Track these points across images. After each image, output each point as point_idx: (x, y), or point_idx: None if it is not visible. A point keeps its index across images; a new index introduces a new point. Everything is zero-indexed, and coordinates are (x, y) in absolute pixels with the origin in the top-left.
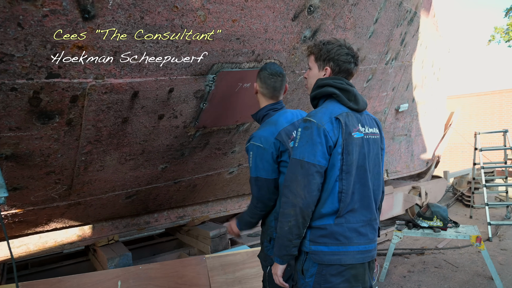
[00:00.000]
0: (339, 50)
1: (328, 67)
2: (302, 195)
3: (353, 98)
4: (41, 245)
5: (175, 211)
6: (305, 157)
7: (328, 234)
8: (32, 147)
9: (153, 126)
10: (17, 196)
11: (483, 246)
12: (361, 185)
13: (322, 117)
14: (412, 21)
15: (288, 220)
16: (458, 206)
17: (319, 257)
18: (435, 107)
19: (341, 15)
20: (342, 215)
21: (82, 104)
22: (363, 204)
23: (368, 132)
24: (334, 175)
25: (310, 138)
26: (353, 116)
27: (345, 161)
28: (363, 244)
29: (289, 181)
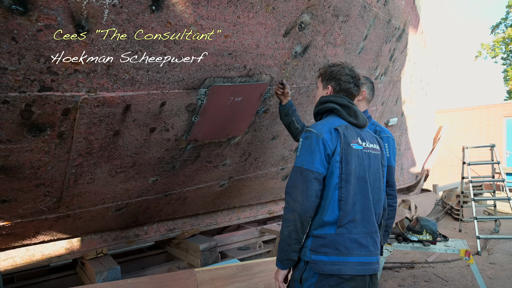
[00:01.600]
0: (340, 71)
1: (330, 86)
2: (301, 201)
3: (353, 113)
4: (28, 258)
5: (165, 223)
6: (304, 165)
7: (328, 243)
8: (22, 160)
9: (145, 139)
10: (6, 209)
11: (472, 260)
12: (362, 196)
13: (322, 128)
14: (400, 38)
15: (288, 224)
16: (447, 220)
17: (319, 266)
18: (423, 121)
19: (331, 31)
20: (343, 225)
21: (74, 117)
22: (364, 215)
23: (368, 146)
24: (333, 183)
25: (310, 146)
26: (352, 130)
27: (344, 170)
28: (364, 255)
29: (289, 187)
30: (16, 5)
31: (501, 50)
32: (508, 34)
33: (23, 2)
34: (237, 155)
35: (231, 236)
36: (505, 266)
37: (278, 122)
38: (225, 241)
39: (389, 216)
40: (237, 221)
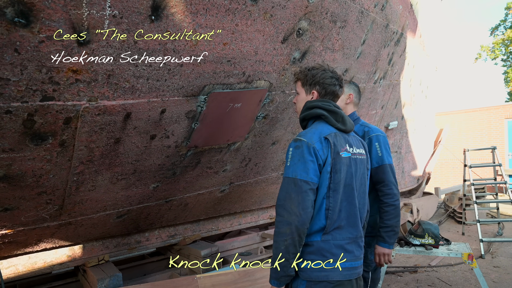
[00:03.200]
0: (323, 74)
1: (315, 91)
2: (297, 213)
3: (340, 119)
4: (30, 266)
5: (166, 230)
6: (297, 175)
7: (315, 250)
8: (24, 168)
9: (145, 146)
10: (8, 217)
11: (475, 264)
12: (348, 203)
13: (312, 137)
14: (398, 42)
15: (284, 239)
16: (450, 223)
17: (307, 274)
18: (424, 124)
19: (329, 37)
20: (329, 232)
21: (75, 125)
22: (349, 221)
23: (356, 152)
24: (322, 193)
25: (302, 156)
26: (341, 137)
27: (333, 180)
28: (350, 261)
29: (282, 199)
30: (19, 17)
31: (501, 51)
32: (508, 35)
33: (25, 15)
34: (238, 161)
35: (232, 241)
36: (509, 269)
37: (278, 127)
38: (226, 246)
39: (392, 215)
40: (238, 226)
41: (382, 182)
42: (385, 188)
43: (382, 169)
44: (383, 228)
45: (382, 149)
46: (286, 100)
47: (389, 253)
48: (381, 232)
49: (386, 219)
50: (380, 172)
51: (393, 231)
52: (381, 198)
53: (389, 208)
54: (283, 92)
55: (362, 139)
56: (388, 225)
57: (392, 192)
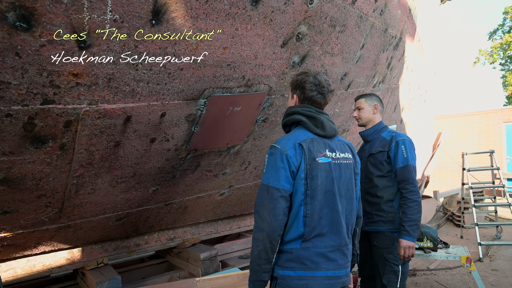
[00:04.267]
0: (304, 78)
1: (296, 95)
2: (268, 220)
3: (320, 124)
4: (28, 269)
5: (165, 233)
6: (270, 182)
7: (294, 258)
8: (24, 171)
9: (145, 149)
10: (7, 220)
11: (473, 267)
12: (330, 209)
13: (287, 144)
14: (397, 46)
15: (257, 244)
16: (449, 226)
17: (287, 282)
18: (423, 127)
19: (328, 41)
20: (309, 239)
21: (75, 128)
22: (332, 229)
23: (339, 157)
24: (298, 200)
25: (275, 163)
26: (319, 142)
27: (309, 186)
28: (332, 269)
29: (257, 205)
30: (20, 21)
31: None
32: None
33: (27, 19)
34: (237, 164)
35: (232, 244)
36: (507, 272)
37: (277, 131)
38: (225, 249)
39: (415, 210)
40: (238, 229)
41: (407, 180)
42: (409, 186)
43: (407, 169)
44: (407, 222)
45: (408, 152)
46: (286, 103)
47: (413, 246)
48: (405, 226)
49: (410, 213)
50: (405, 172)
51: (416, 225)
52: (405, 195)
53: (413, 203)
54: (282, 95)
55: (390, 142)
56: (412, 219)
57: (416, 190)
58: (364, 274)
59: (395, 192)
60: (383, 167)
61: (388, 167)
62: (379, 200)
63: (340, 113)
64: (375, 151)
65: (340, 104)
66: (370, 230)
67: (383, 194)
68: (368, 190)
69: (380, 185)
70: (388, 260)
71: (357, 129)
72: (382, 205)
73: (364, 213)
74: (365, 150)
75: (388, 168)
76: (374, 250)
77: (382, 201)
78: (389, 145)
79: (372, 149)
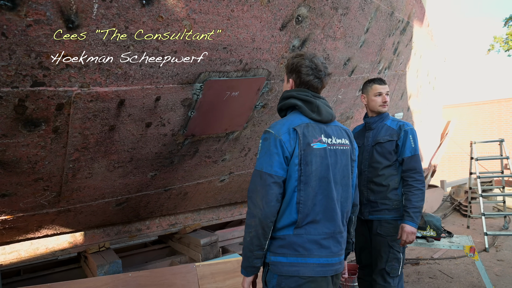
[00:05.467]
0: (300, 62)
1: (291, 79)
2: (261, 206)
3: (316, 109)
4: (32, 252)
5: (167, 218)
6: (263, 168)
7: (286, 244)
8: (19, 154)
9: (141, 134)
10: (6, 203)
11: (477, 257)
12: (324, 196)
13: (281, 128)
14: (404, 31)
15: (249, 230)
16: (455, 216)
17: (278, 268)
18: (431, 116)
19: (330, 25)
20: (302, 226)
21: (68, 112)
22: (326, 216)
23: (335, 143)
24: (291, 186)
25: (268, 149)
26: (315, 127)
27: (303, 172)
28: (325, 256)
29: (250, 191)
30: (4, 0)
31: None
32: None
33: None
34: (237, 150)
35: (233, 231)
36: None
37: (278, 117)
38: (226, 236)
39: (420, 198)
40: (239, 216)
41: (414, 169)
42: (416, 174)
43: (415, 158)
44: (411, 209)
45: (416, 141)
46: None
47: (415, 232)
48: (410, 212)
49: (415, 201)
50: (413, 161)
51: (419, 212)
52: (411, 183)
53: (418, 192)
54: (282, 80)
55: (399, 131)
56: (417, 207)
57: (422, 179)
58: (362, 263)
59: (399, 180)
60: (391, 156)
61: (395, 156)
62: (384, 189)
63: (344, 99)
64: (383, 140)
65: (343, 90)
66: (374, 218)
67: (389, 183)
68: (372, 179)
69: (386, 174)
70: (393, 247)
71: (361, 116)
72: (387, 193)
73: (368, 202)
74: (368, 138)
75: (395, 157)
76: (376, 239)
77: (388, 189)
78: (397, 134)
79: (378, 138)
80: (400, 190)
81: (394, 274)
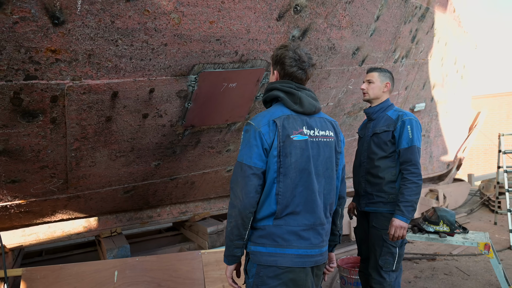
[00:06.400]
0: (284, 53)
1: (276, 71)
2: (240, 197)
3: (298, 101)
4: (50, 234)
5: (177, 206)
6: (243, 159)
7: (266, 235)
8: (21, 143)
9: (139, 124)
10: (17, 188)
11: (491, 254)
12: (305, 188)
13: (261, 120)
14: (424, 17)
15: (230, 220)
16: (483, 212)
17: (257, 257)
18: (458, 106)
19: (334, 13)
20: (281, 217)
21: (63, 103)
22: (306, 207)
23: (318, 134)
24: (271, 177)
25: (248, 140)
26: (296, 119)
27: (282, 164)
28: (304, 248)
29: (232, 182)
30: None
31: None
32: None
33: None
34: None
35: None
36: None
37: None
38: None
39: (414, 192)
40: None
41: (409, 161)
42: (412, 167)
43: (411, 150)
44: (403, 203)
45: (414, 132)
46: None
47: (405, 227)
48: (400, 206)
49: (408, 194)
50: (409, 153)
51: (412, 207)
52: (406, 176)
53: (412, 185)
54: None
55: (396, 121)
56: (409, 200)
57: (418, 172)
58: (362, 255)
59: (397, 173)
60: (387, 147)
61: (392, 147)
62: (380, 181)
63: (355, 90)
64: (379, 130)
65: (353, 80)
66: (369, 210)
67: (385, 175)
68: (369, 171)
69: (382, 165)
70: (386, 241)
71: None
72: (383, 186)
73: (365, 193)
74: (369, 128)
75: (392, 148)
76: (372, 231)
77: (384, 182)
78: (394, 124)
79: (376, 128)
80: (398, 184)
81: (388, 269)
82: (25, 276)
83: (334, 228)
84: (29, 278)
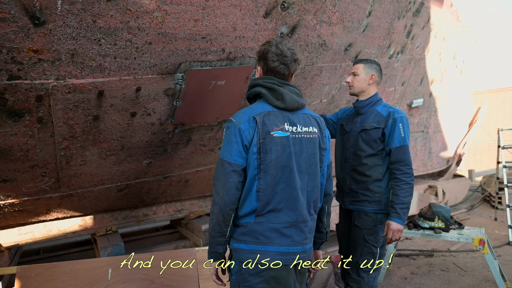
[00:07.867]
0: (267, 49)
1: (260, 67)
2: (221, 194)
3: (280, 97)
4: (45, 233)
5: (173, 204)
6: (224, 156)
7: (248, 232)
8: (9, 143)
9: (127, 123)
10: (9, 187)
11: (486, 250)
12: (286, 185)
13: (242, 117)
14: (418, 12)
15: (212, 217)
16: (484, 208)
17: (239, 254)
18: (457, 102)
19: (323, 9)
20: (263, 214)
21: (48, 103)
22: (288, 205)
23: (301, 131)
24: (251, 174)
25: (229, 137)
26: (278, 115)
27: (263, 160)
28: (285, 245)
29: (214, 179)
30: None
31: None
32: None
33: None
34: None
35: None
36: None
37: None
38: None
39: (408, 193)
40: None
41: (402, 161)
42: (405, 167)
43: (403, 149)
44: (399, 205)
45: (405, 131)
46: None
47: (402, 230)
48: (397, 209)
49: (403, 196)
50: (401, 152)
51: (407, 208)
52: (399, 176)
53: (406, 186)
54: None
55: (387, 119)
56: (404, 202)
57: (411, 172)
58: (343, 253)
59: (384, 171)
60: (376, 144)
61: (381, 145)
62: (366, 179)
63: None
64: (369, 126)
65: (347, 77)
66: (354, 209)
67: (371, 173)
68: (355, 168)
69: (369, 163)
70: (368, 241)
71: None
72: (369, 184)
73: (350, 191)
74: (356, 123)
75: (381, 146)
76: (353, 230)
77: (370, 180)
78: (385, 121)
79: (365, 124)
80: (384, 182)
81: (367, 269)
82: (20, 274)
83: (321, 225)
84: (23, 276)
